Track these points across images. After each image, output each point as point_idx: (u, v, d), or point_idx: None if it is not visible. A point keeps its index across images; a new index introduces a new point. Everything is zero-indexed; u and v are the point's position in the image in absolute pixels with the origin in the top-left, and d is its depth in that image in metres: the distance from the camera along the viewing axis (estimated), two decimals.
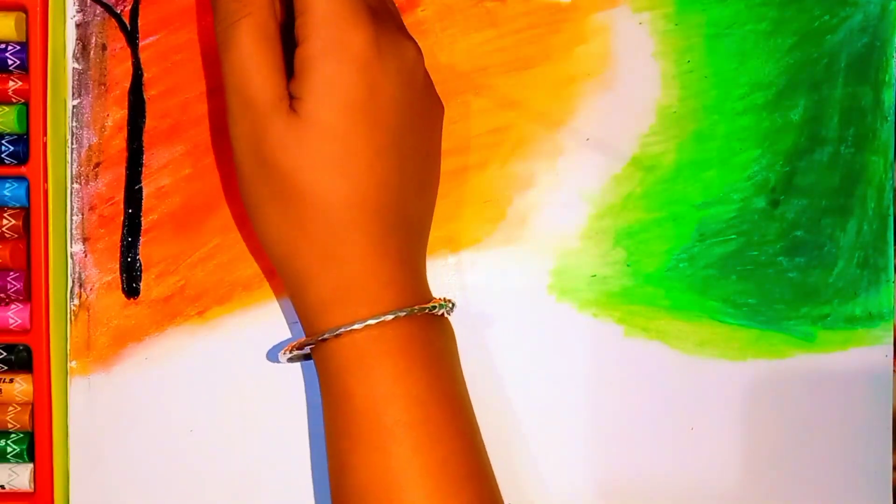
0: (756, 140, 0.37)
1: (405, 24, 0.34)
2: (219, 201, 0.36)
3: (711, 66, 0.37)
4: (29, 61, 0.35)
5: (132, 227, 0.36)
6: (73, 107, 0.36)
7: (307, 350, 0.32)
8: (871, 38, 0.37)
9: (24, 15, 0.35)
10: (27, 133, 0.35)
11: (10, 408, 0.35)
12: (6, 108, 0.35)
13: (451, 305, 0.32)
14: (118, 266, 0.36)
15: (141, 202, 0.36)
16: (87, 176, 0.36)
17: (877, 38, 0.37)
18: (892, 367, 0.37)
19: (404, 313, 0.30)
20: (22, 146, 0.35)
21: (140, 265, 0.36)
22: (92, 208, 0.36)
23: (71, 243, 0.36)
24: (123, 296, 0.36)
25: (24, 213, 0.35)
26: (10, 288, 0.35)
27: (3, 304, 0.35)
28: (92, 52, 0.36)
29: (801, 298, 0.37)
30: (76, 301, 0.36)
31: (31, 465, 0.35)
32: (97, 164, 0.36)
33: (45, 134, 0.35)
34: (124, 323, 0.36)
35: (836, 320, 0.37)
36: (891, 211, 0.37)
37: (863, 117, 0.37)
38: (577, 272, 0.37)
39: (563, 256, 0.37)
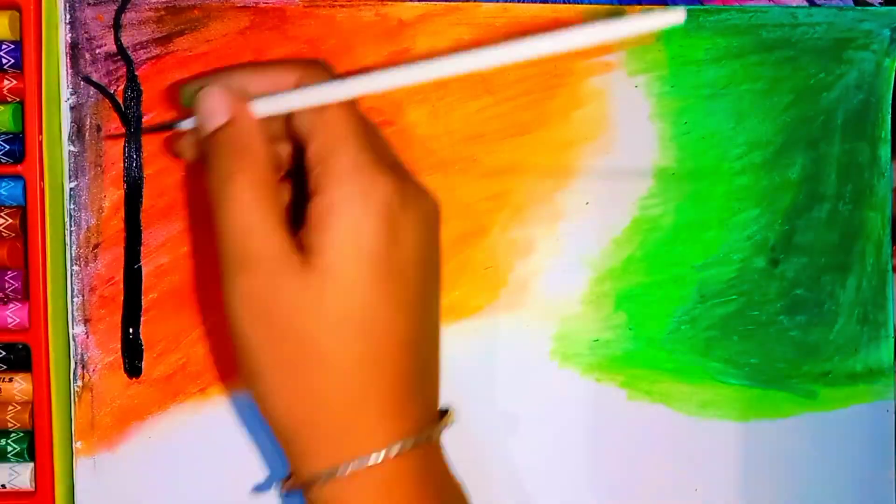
0: (755, 199, 0.37)
1: (402, 91, 0.34)
2: (218, 277, 0.36)
3: (708, 126, 0.37)
4: (23, 60, 0.35)
5: (132, 306, 0.36)
6: (71, 189, 0.35)
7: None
8: (867, 95, 0.37)
9: (17, 14, 0.35)
10: (23, 132, 0.35)
11: (10, 407, 0.35)
12: (1, 108, 0.35)
13: (448, 420, 0.31)
14: (119, 346, 0.36)
15: (140, 281, 0.36)
16: (87, 257, 0.36)
17: (872, 94, 0.37)
18: (894, 423, 0.37)
19: (398, 448, 0.28)
20: (17, 145, 0.35)
21: (141, 344, 0.36)
22: (92, 290, 0.36)
23: (72, 325, 0.36)
24: (126, 376, 0.36)
25: (21, 211, 0.35)
26: (8, 287, 0.35)
27: (1, 303, 0.35)
28: (87, 134, 0.36)
29: (802, 356, 0.37)
30: (79, 382, 0.36)
31: (31, 465, 0.35)
32: (96, 246, 0.36)
33: (40, 133, 0.35)
34: (127, 403, 0.36)
35: (837, 377, 0.37)
36: (889, 266, 0.37)
37: (860, 174, 0.37)
38: (580, 337, 0.37)
39: (565, 321, 0.37)
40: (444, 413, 0.32)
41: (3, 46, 0.35)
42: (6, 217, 0.35)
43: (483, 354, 0.36)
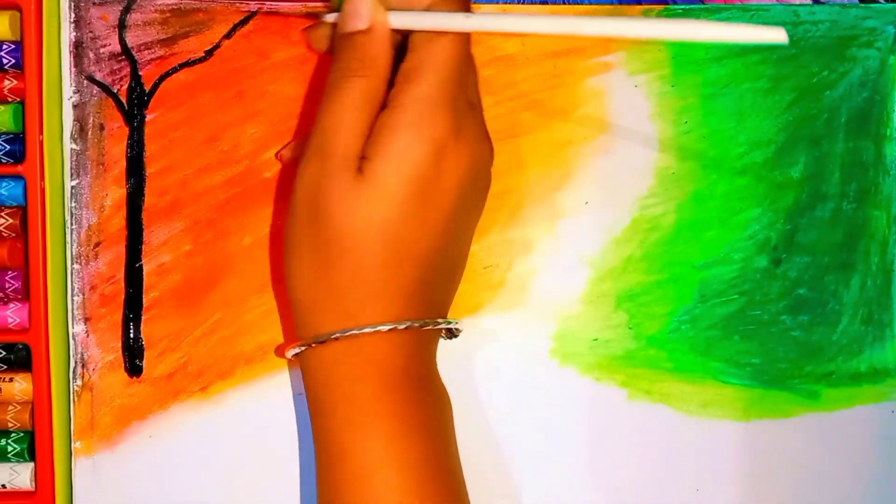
0: (756, 198, 0.37)
1: None
2: (219, 276, 0.36)
3: (709, 125, 0.37)
4: (24, 60, 0.35)
5: (133, 305, 0.36)
6: (72, 187, 0.36)
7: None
8: (871, 93, 0.37)
9: (18, 14, 0.35)
10: (23, 132, 0.35)
11: (10, 407, 0.35)
12: (2, 108, 0.35)
13: (457, 329, 0.33)
14: (120, 345, 0.36)
15: (142, 280, 0.36)
16: (88, 256, 0.36)
17: (877, 92, 0.37)
18: None
19: (404, 325, 0.31)
20: (18, 145, 0.35)
21: (142, 343, 0.36)
22: (93, 288, 0.36)
23: (73, 324, 0.36)
24: (126, 375, 0.36)
25: (22, 211, 0.35)
26: (9, 287, 0.35)
27: (1, 303, 0.35)
28: (90, 133, 0.36)
29: (804, 357, 0.37)
30: (79, 381, 0.36)
31: (31, 465, 0.35)
32: (97, 244, 0.36)
33: (41, 133, 0.35)
34: (128, 402, 0.36)
35: (840, 378, 0.37)
36: (894, 265, 0.37)
37: (864, 172, 0.37)
38: (579, 336, 0.37)
39: (565, 321, 0.37)
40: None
41: (4, 46, 0.35)
42: (6, 217, 0.35)
43: (483, 354, 0.36)
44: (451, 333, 0.34)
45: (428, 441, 0.31)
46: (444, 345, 0.36)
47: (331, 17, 0.33)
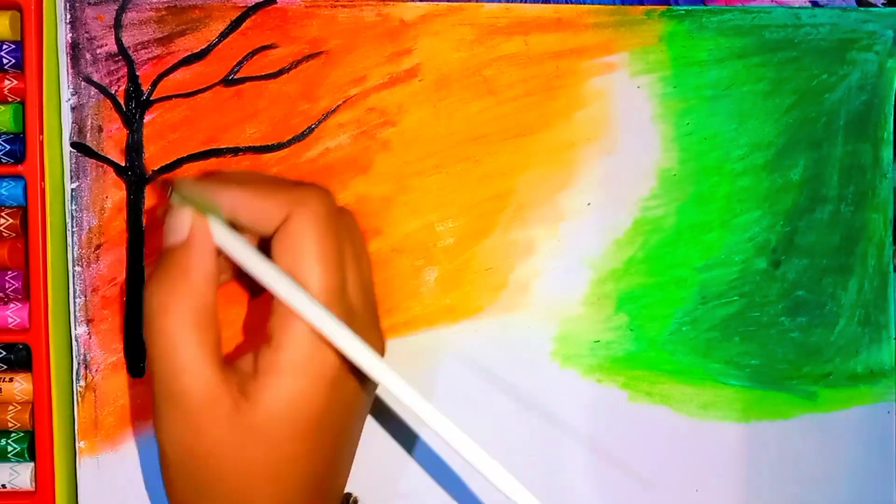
0: (756, 201, 0.37)
1: (404, 92, 0.34)
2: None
3: (710, 127, 0.37)
4: (24, 60, 0.35)
5: (135, 307, 0.36)
6: (72, 190, 0.36)
7: None
8: (870, 96, 0.37)
9: (18, 14, 0.35)
10: (23, 132, 0.35)
11: (11, 407, 0.35)
12: (2, 108, 0.35)
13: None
14: (122, 346, 0.36)
15: (143, 282, 0.36)
16: (89, 258, 0.36)
17: (875, 95, 0.37)
18: (895, 424, 0.37)
19: None
20: (18, 145, 0.35)
21: (144, 345, 0.36)
22: (94, 290, 0.36)
23: (75, 325, 0.36)
24: (128, 375, 0.36)
25: (22, 211, 0.35)
26: (9, 287, 0.35)
27: (1, 303, 0.35)
28: (88, 135, 0.36)
29: (803, 358, 0.37)
30: (82, 382, 0.36)
31: (31, 465, 0.35)
32: (98, 246, 0.36)
33: (41, 133, 0.35)
34: (130, 402, 0.36)
35: (838, 378, 0.37)
36: (891, 268, 0.37)
37: (862, 175, 0.37)
38: (580, 338, 0.37)
39: (566, 322, 0.37)
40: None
41: (4, 46, 0.35)
42: (7, 217, 0.35)
43: (484, 355, 0.36)
44: None
45: None
46: (444, 345, 0.36)
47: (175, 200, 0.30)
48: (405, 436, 0.36)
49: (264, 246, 0.29)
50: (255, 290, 0.36)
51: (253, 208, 0.28)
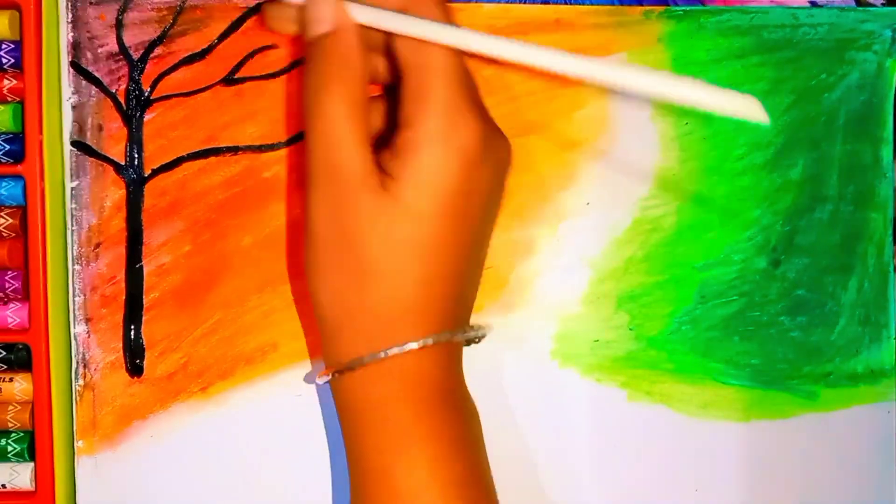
0: (756, 200, 0.37)
1: None
2: (219, 277, 0.36)
3: (710, 127, 0.37)
4: (23, 60, 0.35)
5: (134, 306, 0.36)
6: (72, 188, 0.36)
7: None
8: (869, 96, 0.37)
9: (17, 13, 0.35)
10: (23, 132, 0.35)
11: (10, 407, 0.35)
12: (1, 108, 0.35)
13: (484, 331, 0.33)
14: (121, 345, 0.36)
15: (142, 281, 0.36)
16: (88, 257, 0.36)
17: (874, 95, 0.37)
18: (895, 424, 0.37)
19: (434, 340, 0.30)
20: (18, 145, 0.35)
21: (143, 344, 0.36)
22: (93, 289, 0.36)
23: (74, 324, 0.36)
24: (127, 375, 0.36)
25: (21, 211, 0.35)
26: (9, 287, 0.35)
27: (1, 303, 0.35)
28: (89, 133, 0.36)
29: (803, 357, 0.37)
30: (81, 381, 0.36)
31: (31, 465, 0.35)
32: (97, 245, 0.36)
33: (40, 132, 0.35)
34: (129, 402, 0.36)
35: (838, 378, 0.37)
36: (891, 267, 0.37)
37: (862, 174, 0.37)
38: (580, 337, 0.37)
39: (566, 322, 0.37)
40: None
41: (3, 46, 0.35)
42: (6, 217, 0.35)
43: (484, 355, 0.36)
44: (479, 338, 0.33)
45: (467, 458, 0.31)
46: None
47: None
48: None
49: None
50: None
51: None
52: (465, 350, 0.36)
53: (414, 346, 0.30)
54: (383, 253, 0.29)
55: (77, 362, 0.36)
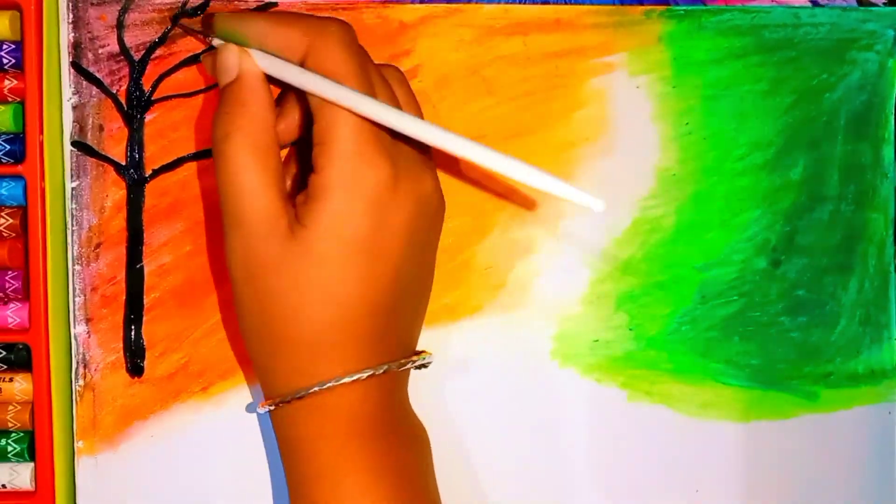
0: (756, 200, 0.37)
1: None
2: (220, 277, 0.36)
3: (710, 127, 0.37)
4: (24, 60, 0.35)
5: (134, 306, 0.36)
6: (72, 188, 0.36)
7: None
8: (870, 96, 0.37)
9: (18, 14, 0.35)
10: (23, 132, 0.35)
11: (10, 407, 0.35)
12: (2, 108, 0.35)
13: (426, 359, 0.33)
14: (121, 346, 0.36)
15: (143, 281, 0.36)
16: (88, 257, 0.36)
17: (875, 95, 0.37)
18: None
19: (355, 377, 0.30)
20: (18, 145, 0.35)
21: (143, 344, 0.36)
22: (94, 289, 0.36)
23: (74, 324, 0.36)
24: (128, 375, 0.36)
25: (22, 211, 0.35)
26: (9, 287, 0.35)
27: (1, 303, 0.35)
28: (89, 134, 0.36)
29: (803, 358, 0.37)
30: (81, 382, 0.36)
31: (31, 465, 0.35)
32: (98, 245, 0.36)
33: (41, 133, 0.35)
34: (129, 402, 0.36)
35: (839, 379, 0.37)
36: (891, 267, 0.37)
37: (862, 174, 0.37)
38: (580, 337, 0.37)
39: (565, 322, 0.37)
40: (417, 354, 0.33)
41: (4, 46, 0.35)
42: (7, 217, 0.35)
43: (483, 355, 0.36)
44: (422, 365, 0.33)
45: (404, 486, 0.30)
46: (444, 346, 0.36)
47: (217, 43, 0.32)
48: None
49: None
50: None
51: (274, 37, 0.30)
52: (465, 350, 0.36)
53: (334, 383, 0.30)
54: (293, 297, 0.30)
55: (77, 362, 0.36)
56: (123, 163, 0.36)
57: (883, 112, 0.37)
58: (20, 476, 0.35)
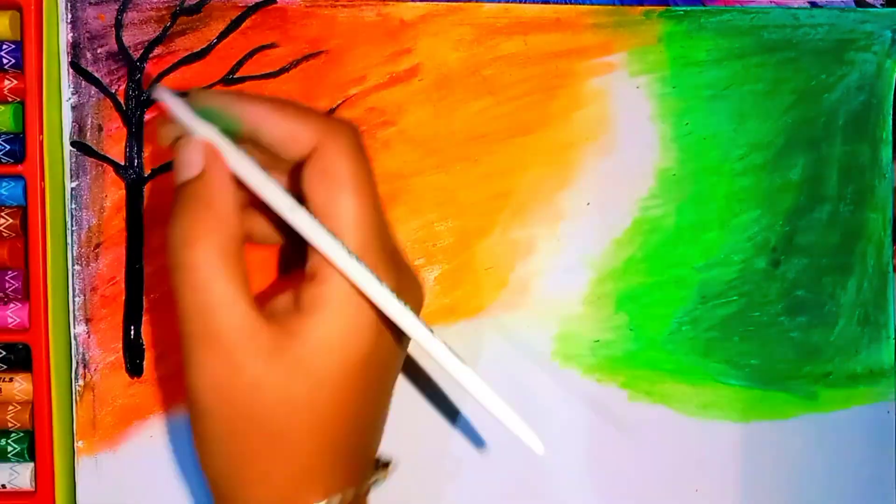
0: (756, 200, 0.37)
1: (404, 92, 0.34)
2: None
3: (710, 127, 0.37)
4: (24, 60, 0.35)
5: (134, 306, 0.36)
6: (72, 189, 0.36)
7: None
8: (868, 96, 0.37)
9: (18, 14, 0.35)
10: (23, 132, 0.35)
11: (10, 407, 0.35)
12: (2, 108, 0.35)
13: (384, 475, 0.31)
14: (121, 346, 0.36)
15: (142, 281, 0.36)
16: (88, 257, 0.36)
17: (874, 95, 0.37)
18: (894, 424, 0.37)
19: (339, 499, 0.28)
20: (18, 145, 0.35)
21: (143, 344, 0.36)
22: (94, 289, 0.36)
23: (74, 325, 0.36)
24: (127, 375, 0.36)
25: (22, 211, 0.35)
26: (9, 287, 0.35)
27: (1, 303, 0.35)
28: (88, 134, 0.36)
29: (803, 358, 0.37)
30: (81, 381, 0.36)
31: (31, 465, 0.35)
32: (97, 245, 0.36)
33: (41, 133, 0.35)
34: (129, 402, 0.36)
35: (837, 378, 0.37)
36: (890, 267, 0.37)
37: (861, 175, 0.37)
38: (580, 338, 0.37)
39: (566, 322, 0.37)
40: (378, 466, 0.32)
41: (4, 46, 0.35)
42: (7, 217, 0.35)
43: (484, 355, 0.36)
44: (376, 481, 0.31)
45: None
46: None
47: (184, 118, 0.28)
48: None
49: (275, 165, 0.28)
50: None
51: (280, 127, 0.27)
52: (465, 350, 0.36)
53: None
54: (280, 418, 0.26)
55: (77, 362, 0.36)
56: (122, 163, 0.36)
57: (881, 112, 0.37)
58: (20, 476, 0.35)
